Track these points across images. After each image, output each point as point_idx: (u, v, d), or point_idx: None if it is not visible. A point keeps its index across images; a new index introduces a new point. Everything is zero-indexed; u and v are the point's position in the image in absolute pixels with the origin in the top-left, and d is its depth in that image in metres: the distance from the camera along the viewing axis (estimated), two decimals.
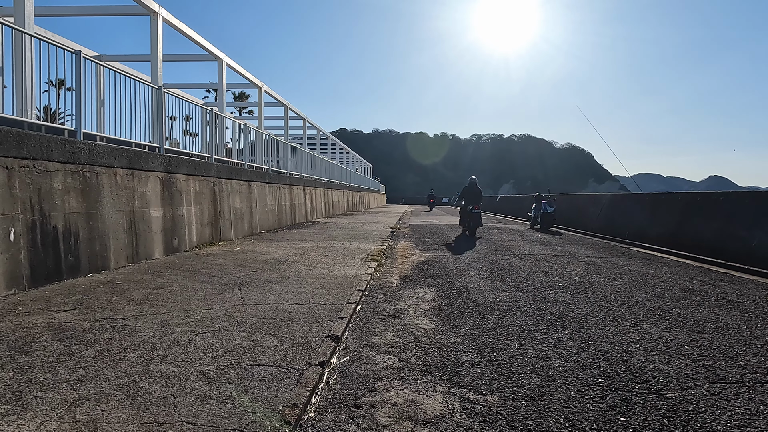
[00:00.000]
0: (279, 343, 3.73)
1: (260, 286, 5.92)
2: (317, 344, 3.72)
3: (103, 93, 9.74)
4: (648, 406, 2.81)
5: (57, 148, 5.93)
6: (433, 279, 7.00)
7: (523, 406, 2.80)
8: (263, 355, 3.45)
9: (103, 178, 6.79)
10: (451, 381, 3.17)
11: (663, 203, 11.82)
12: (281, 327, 4.16)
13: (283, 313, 4.65)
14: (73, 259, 6.10)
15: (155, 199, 8.14)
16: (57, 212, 5.88)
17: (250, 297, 5.29)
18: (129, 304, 4.83)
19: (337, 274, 6.82)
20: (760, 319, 4.85)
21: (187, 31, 12.05)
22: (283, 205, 16.16)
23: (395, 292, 6.03)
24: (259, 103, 19.08)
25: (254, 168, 14.21)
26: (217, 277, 6.40)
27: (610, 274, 7.46)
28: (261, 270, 7.07)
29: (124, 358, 3.32)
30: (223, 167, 11.38)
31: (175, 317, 4.39)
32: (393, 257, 9.33)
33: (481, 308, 5.21)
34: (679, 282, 6.88)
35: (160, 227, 8.22)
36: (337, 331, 4.08)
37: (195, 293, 5.42)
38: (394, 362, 3.52)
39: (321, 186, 23.14)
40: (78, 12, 12.09)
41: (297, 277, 6.52)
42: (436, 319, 4.77)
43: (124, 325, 4.11)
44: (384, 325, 4.53)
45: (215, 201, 10.63)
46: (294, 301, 5.13)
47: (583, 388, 3.07)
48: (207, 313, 4.57)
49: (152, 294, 5.32)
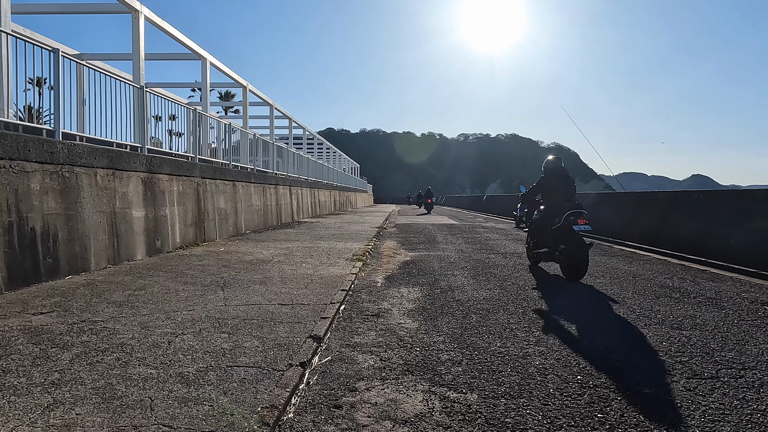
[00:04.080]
0: (260, 344, 3.71)
1: (243, 286, 5.88)
2: (299, 345, 3.70)
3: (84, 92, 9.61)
4: (625, 403, 2.84)
5: (34, 147, 5.82)
6: (417, 278, 7.01)
7: (503, 404, 2.81)
8: (244, 356, 3.43)
9: (82, 179, 6.68)
10: (432, 380, 3.18)
11: (645, 202, 11.99)
12: (263, 328, 4.13)
13: (265, 313, 4.62)
14: (52, 261, 6.01)
15: (137, 200, 8.04)
16: (35, 213, 5.78)
17: (233, 298, 5.25)
18: (108, 306, 4.76)
19: (321, 274, 6.80)
20: (737, 315, 4.93)
21: (169, 30, 11.92)
22: (268, 205, 16.07)
23: (379, 292, 6.03)
24: (244, 102, 18.95)
25: (239, 168, 14.11)
26: (200, 278, 6.34)
27: (593, 272, 7.53)
28: (245, 270, 7.02)
29: (102, 360, 3.28)
30: (208, 167, 11.29)
31: (156, 319, 4.34)
32: (378, 257, 9.33)
33: (464, 307, 5.23)
34: (659, 279, 6.97)
35: (142, 228, 8.12)
36: (319, 331, 4.07)
37: (176, 294, 5.36)
38: (375, 362, 3.52)
39: (307, 186, 23.06)
40: (58, 10, 11.91)
41: (281, 278, 6.49)
42: (419, 318, 4.78)
43: (103, 327, 4.06)
44: (367, 324, 4.53)
45: (199, 201, 10.54)
46: (277, 302, 5.10)
47: (562, 385, 3.09)
48: (188, 314, 4.53)
49: (133, 296, 5.26)
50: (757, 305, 5.40)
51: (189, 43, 12.97)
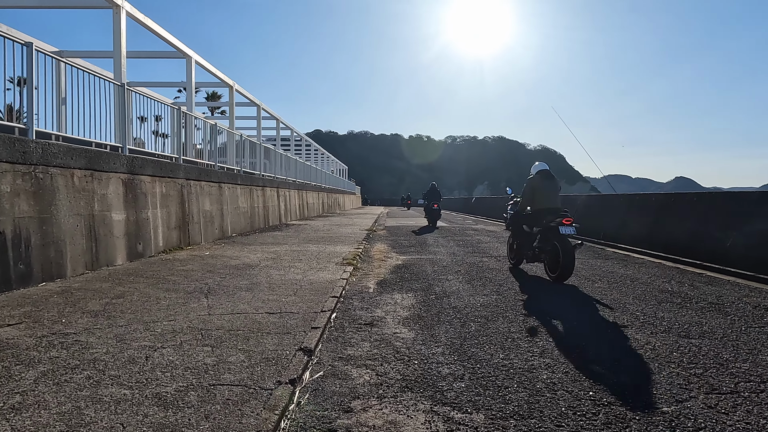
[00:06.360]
0: (246, 358, 3.43)
1: (229, 293, 5.58)
2: (288, 358, 3.43)
3: (64, 90, 9.22)
4: (644, 423, 2.62)
5: (4, 147, 5.47)
6: (410, 283, 6.77)
7: (512, 426, 2.57)
8: (228, 372, 3.15)
9: (58, 180, 6.33)
10: (434, 398, 2.93)
11: (638, 204, 11.88)
12: (249, 340, 3.85)
13: (252, 323, 4.33)
14: (24, 267, 5.65)
15: (117, 202, 7.68)
16: (5, 216, 5.42)
17: (218, 306, 4.95)
18: (83, 317, 4.44)
19: (311, 280, 6.53)
20: (743, 321, 4.76)
21: (152, 27, 11.55)
22: (255, 207, 15.72)
23: (372, 299, 5.77)
24: (230, 102, 18.56)
25: (225, 169, 13.75)
26: (183, 285, 6.03)
27: (590, 276, 7.35)
28: (230, 276, 6.72)
29: (71, 380, 2.97)
30: (192, 168, 10.93)
31: (133, 330, 4.04)
32: (369, 261, 9.07)
33: (461, 314, 5.00)
34: (658, 284, 6.81)
35: (122, 232, 7.77)
36: (309, 343, 3.80)
37: (157, 303, 5.05)
38: (371, 377, 3.26)
39: (295, 188, 22.71)
40: (36, 4, 11.48)
41: (269, 284, 6.20)
42: (415, 327, 4.53)
43: (75, 340, 3.74)
44: (360, 335, 4.27)
45: (183, 203, 10.18)
46: (264, 310, 4.82)
47: (573, 402, 2.86)
48: (169, 325, 4.23)
49: (110, 304, 4.93)
50: (761, 310, 5.24)
51: (173, 40, 12.59)
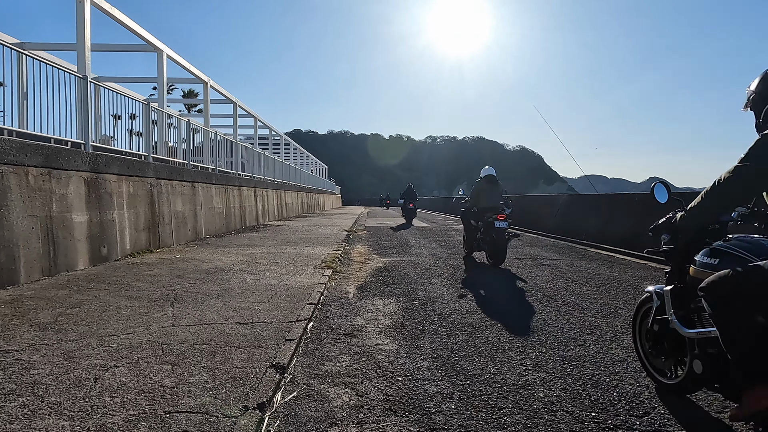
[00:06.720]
0: (210, 378, 3.05)
1: (197, 301, 5.18)
2: (258, 378, 3.07)
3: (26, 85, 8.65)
4: None
5: None
6: (392, 288, 6.45)
7: None
8: (188, 397, 2.77)
9: (10, 178, 5.83)
10: (421, 422, 2.61)
11: (620, 204, 11.79)
12: (215, 355, 3.48)
13: (220, 336, 3.95)
14: None
15: (79, 203, 7.17)
16: None
17: (183, 316, 4.55)
18: (30, 330, 3.99)
19: (287, 285, 6.15)
20: None
21: (119, 17, 10.99)
22: (231, 207, 15.21)
23: (352, 305, 5.43)
24: (205, 99, 17.99)
25: (199, 168, 13.24)
26: (148, 292, 5.59)
27: (577, 279, 7.14)
28: (201, 281, 6.30)
29: (1, 410, 2.57)
30: (163, 167, 10.42)
31: (85, 346, 3.62)
32: (349, 263, 8.72)
33: (447, 322, 4.69)
34: (646, 286, 6.62)
35: (84, 234, 7.26)
36: (282, 358, 3.45)
37: (117, 313, 4.62)
38: (350, 398, 2.92)
39: (273, 187, 22.19)
40: None
41: (241, 290, 5.81)
42: (398, 337, 4.21)
43: (16, 359, 3.31)
44: (339, 347, 3.92)
45: (153, 204, 9.67)
46: (235, 320, 4.44)
47: (576, 426, 2.57)
48: (126, 339, 3.82)
49: (63, 315, 4.48)
50: None
51: (143, 32, 12.04)
